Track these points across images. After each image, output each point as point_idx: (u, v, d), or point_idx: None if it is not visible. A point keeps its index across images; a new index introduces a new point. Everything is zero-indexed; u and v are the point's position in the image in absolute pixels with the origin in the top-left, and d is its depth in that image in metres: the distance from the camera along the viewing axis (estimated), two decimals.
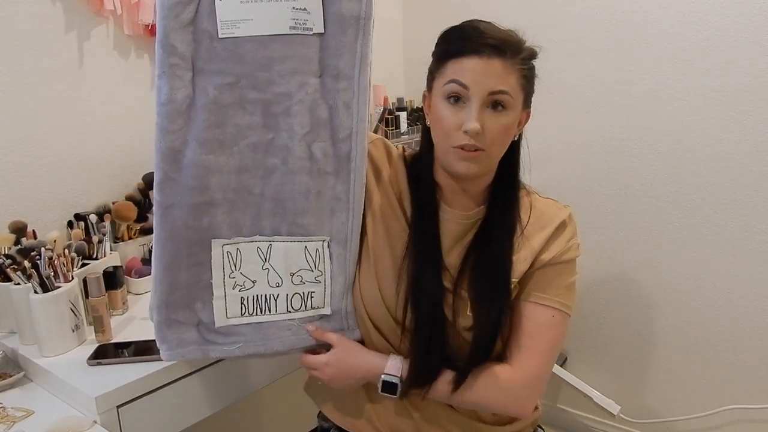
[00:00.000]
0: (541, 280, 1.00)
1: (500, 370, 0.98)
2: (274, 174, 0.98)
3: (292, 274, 1.01)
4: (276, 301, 1.01)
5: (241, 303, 1.00)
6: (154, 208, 0.98)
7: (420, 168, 1.05)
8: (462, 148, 0.93)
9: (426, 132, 1.04)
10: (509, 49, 0.92)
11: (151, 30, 1.50)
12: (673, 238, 1.76)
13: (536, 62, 0.96)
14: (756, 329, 1.67)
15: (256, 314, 1.01)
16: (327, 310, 1.03)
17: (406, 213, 1.04)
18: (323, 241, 1.01)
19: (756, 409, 1.71)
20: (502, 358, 1.02)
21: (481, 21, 0.96)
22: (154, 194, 0.97)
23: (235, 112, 0.96)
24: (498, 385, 0.98)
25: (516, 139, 1.00)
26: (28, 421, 1.00)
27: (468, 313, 0.98)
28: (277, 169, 0.98)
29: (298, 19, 0.94)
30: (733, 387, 1.74)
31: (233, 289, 1.00)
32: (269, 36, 0.94)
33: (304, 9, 0.94)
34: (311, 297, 1.02)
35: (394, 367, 0.98)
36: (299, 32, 0.94)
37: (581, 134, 1.86)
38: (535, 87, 0.99)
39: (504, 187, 1.03)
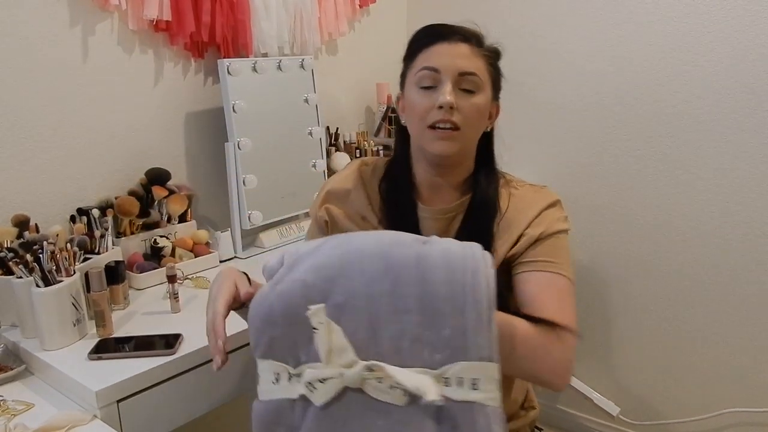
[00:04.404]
0: (545, 251, 0.98)
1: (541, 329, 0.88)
2: None
3: None
4: None
5: None
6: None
7: (395, 171, 1.07)
8: (438, 126, 0.96)
9: (399, 134, 1.08)
10: (474, 38, 1.00)
11: (155, 25, 1.50)
12: (674, 239, 1.75)
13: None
14: (757, 331, 1.67)
15: None
16: None
17: (374, 222, 1.05)
18: None
19: (757, 412, 1.71)
20: None
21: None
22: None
23: None
24: (543, 339, 0.87)
25: (489, 130, 1.05)
26: (28, 414, 1.00)
27: None
28: None
29: None
30: (734, 389, 1.73)
31: None
32: None
33: None
34: None
35: None
36: None
37: (583, 134, 1.86)
38: (502, 85, 1.05)
39: (481, 180, 1.04)
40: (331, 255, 0.77)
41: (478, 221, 1.01)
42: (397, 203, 1.05)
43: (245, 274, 0.94)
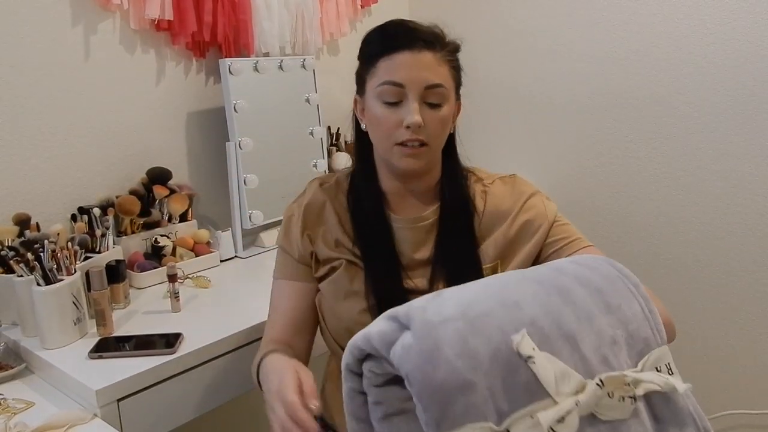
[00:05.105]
0: (565, 231, 1.00)
1: None
2: None
3: None
4: None
5: None
6: None
7: (360, 182, 1.03)
8: (405, 144, 0.93)
9: (359, 140, 1.04)
10: (438, 41, 0.95)
11: (157, 25, 1.50)
12: (675, 241, 1.75)
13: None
14: (757, 333, 1.67)
15: None
16: None
17: (348, 245, 1.01)
18: None
19: (757, 414, 1.71)
20: None
21: (403, 19, 0.99)
22: None
23: None
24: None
25: (452, 131, 1.02)
26: (28, 413, 1.00)
27: None
28: None
29: None
30: (734, 391, 1.73)
31: None
32: None
33: None
34: None
35: None
36: None
37: (584, 136, 1.86)
38: (462, 80, 1.01)
39: (451, 183, 1.02)
40: (472, 293, 0.66)
41: (456, 225, 0.99)
42: (367, 216, 1.00)
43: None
